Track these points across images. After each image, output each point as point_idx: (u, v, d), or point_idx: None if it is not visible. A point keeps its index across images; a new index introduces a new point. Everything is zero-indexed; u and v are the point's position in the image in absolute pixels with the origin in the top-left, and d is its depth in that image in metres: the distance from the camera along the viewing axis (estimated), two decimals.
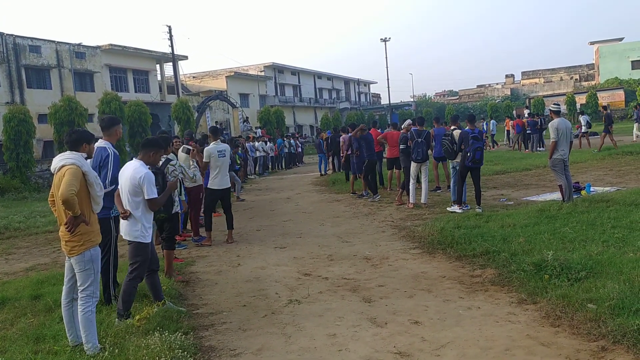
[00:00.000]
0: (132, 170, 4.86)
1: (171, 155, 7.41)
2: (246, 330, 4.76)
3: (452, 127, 11.11)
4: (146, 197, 4.81)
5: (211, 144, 8.99)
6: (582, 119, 22.89)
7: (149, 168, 4.98)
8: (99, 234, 4.46)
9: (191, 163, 9.06)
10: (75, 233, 4.19)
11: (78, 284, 4.31)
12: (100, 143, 5.51)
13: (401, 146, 11.44)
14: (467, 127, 10.02)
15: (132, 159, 5.13)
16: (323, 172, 20.87)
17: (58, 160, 4.34)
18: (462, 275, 5.95)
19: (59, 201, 4.12)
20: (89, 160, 4.74)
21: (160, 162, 6.03)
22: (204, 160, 8.78)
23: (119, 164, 5.48)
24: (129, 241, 4.93)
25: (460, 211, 9.63)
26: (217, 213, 10.26)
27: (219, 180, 8.77)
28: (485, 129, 33.64)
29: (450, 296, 5.29)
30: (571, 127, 9.25)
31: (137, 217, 4.85)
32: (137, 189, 4.81)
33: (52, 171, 4.38)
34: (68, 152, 4.39)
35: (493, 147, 28.80)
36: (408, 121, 12.65)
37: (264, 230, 9.94)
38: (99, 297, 4.47)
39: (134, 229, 4.86)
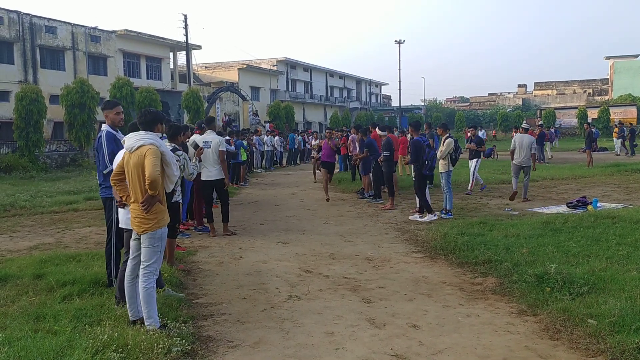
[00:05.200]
0: None
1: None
2: (245, 323, 4.77)
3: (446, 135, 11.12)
4: None
5: (204, 133, 9.03)
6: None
7: None
8: (168, 214, 4.53)
9: (194, 160, 9.06)
10: (151, 211, 4.28)
11: (143, 259, 4.39)
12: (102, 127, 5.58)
13: (385, 153, 11.64)
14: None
15: None
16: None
17: (134, 140, 4.36)
18: (463, 282, 5.94)
19: (147, 182, 4.16)
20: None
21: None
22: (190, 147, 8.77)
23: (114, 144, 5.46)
24: (128, 229, 4.83)
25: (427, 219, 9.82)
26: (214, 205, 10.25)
27: (204, 171, 8.84)
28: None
29: (450, 302, 5.29)
30: (532, 141, 11.89)
31: None
32: None
33: (128, 150, 4.38)
34: (143, 132, 4.41)
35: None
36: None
37: (267, 225, 9.96)
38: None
39: None
